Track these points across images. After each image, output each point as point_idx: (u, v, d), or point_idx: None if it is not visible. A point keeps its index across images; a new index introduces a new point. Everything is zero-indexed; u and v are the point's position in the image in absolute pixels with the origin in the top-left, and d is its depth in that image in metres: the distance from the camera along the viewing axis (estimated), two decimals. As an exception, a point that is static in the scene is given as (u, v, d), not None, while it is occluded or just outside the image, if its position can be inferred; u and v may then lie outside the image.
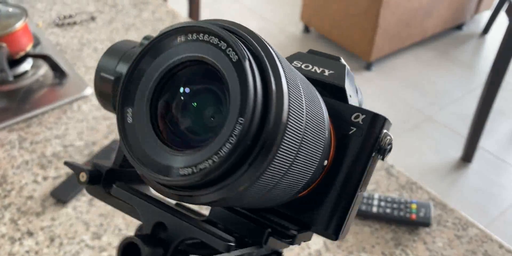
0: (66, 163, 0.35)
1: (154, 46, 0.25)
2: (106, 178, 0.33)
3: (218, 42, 0.23)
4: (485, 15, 2.54)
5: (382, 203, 0.65)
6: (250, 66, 0.22)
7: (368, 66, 2.20)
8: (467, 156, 1.75)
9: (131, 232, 0.64)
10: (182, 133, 0.25)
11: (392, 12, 2.05)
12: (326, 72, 0.33)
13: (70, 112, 0.85)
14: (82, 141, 0.79)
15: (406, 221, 0.63)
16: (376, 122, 0.30)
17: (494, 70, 1.57)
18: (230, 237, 0.27)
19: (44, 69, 0.94)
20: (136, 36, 1.06)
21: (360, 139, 0.30)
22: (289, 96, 0.22)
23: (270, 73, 0.22)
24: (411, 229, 0.64)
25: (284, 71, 0.23)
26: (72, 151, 0.77)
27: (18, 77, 0.91)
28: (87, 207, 0.68)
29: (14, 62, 0.90)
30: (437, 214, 0.66)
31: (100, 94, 0.37)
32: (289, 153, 0.23)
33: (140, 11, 1.16)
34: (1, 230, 0.65)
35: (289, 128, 0.22)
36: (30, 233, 0.64)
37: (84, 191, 0.70)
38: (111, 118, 0.84)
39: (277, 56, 0.24)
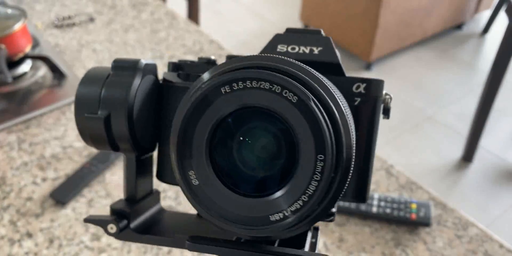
0: (87, 221, 0.33)
1: (200, 102, 0.24)
2: (133, 221, 0.33)
3: (271, 87, 0.23)
4: (485, 15, 2.54)
5: (382, 203, 0.65)
6: (316, 105, 0.22)
7: (368, 66, 2.19)
8: (468, 155, 1.75)
9: (130, 233, 0.64)
10: (250, 180, 0.25)
11: (392, 12, 2.05)
12: (316, 50, 0.32)
13: (69, 113, 0.85)
14: (81, 142, 0.79)
15: (406, 221, 0.63)
16: (377, 86, 0.31)
17: (494, 69, 1.56)
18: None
19: (43, 70, 0.94)
20: (135, 37, 1.06)
21: (368, 107, 0.31)
22: (348, 123, 0.24)
23: (334, 109, 0.23)
24: (411, 229, 0.64)
25: (340, 100, 0.24)
26: (71, 152, 0.77)
27: (17, 78, 0.91)
28: (86, 208, 0.68)
29: (13, 63, 0.90)
30: (437, 214, 0.66)
31: (92, 137, 0.32)
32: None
33: (139, 12, 1.16)
34: (0, 232, 0.65)
35: (354, 149, 0.24)
36: (29, 235, 0.64)
37: (83, 192, 0.70)
38: (110, 119, 0.84)
39: (330, 86, 0.24)
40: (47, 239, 0.64)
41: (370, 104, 0.31)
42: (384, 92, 0.31)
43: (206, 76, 0.26)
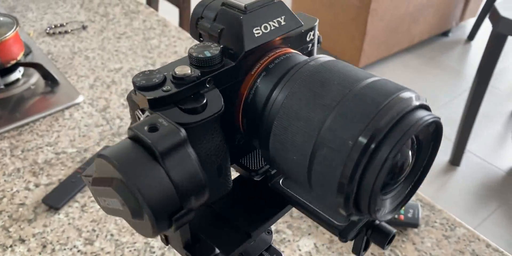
0: None
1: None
2: None
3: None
4: (470, 22, 2.59)
5: (371, 205, 0.66)
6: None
7: (357, 73, 2.22)
8: (455, 159, 1.78)
9: (123, 238, 0.65)
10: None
11: (379, 19, 2.09)
12: (282, 20, 0.32)
13: (62, 120, 0.86)
14: (74, 148, 0.79)
15: (394, 222, 0.65)
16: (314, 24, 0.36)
17: (480, 75, 1.60)
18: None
19: (35, 77, 0.95)
20: (127, 44, 1.07)
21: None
22: None
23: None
24: (400, 230, 0.65)
25: None
26: (64, 158, 0.77)
27: (9, 85, 0.91)
28: (80, 213, 0.68)
29: (5, 70, 0.91)
30: (425, 215, 0.67)
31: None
32: None
33: (131, 20, 1.17)
34: (-7, 238, 0.65)
35: None
36: (22, 240, 0.65)
37: (77, 197, 0.71)
38: (103, 125, 0.84)
39: None
40: (40, 245, 0.64)
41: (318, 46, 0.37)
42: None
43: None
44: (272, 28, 0.31)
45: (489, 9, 2.32)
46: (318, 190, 0.27)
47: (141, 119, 0.27)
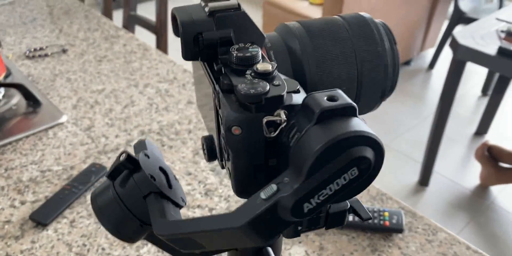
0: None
1: None
2: None
3: None
4: (430, 52, 2.76)
5: (357, 213, 0.69)
6: None
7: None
8: (424, 180, 1.85)
9: (115, 251, 0.64)
10: None
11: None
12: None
13: (46, 139, 0.85)
14: (60, 166, 0.79)
15: (380, 228, 0.67)
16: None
17: (443, 100, 1.69)
18: None
19: (16, 98, 0.95)
20: (108, 67, 1.09)
21: None
22: None
23: None
24: (386, 235, 0.68)
25: None
26: (50, 176, 0.77)
27: (-10, 105, 0.91)
28: (69, 229, 0.68)
29: (-13, 90, 0.90)
30: (408, 221, 0.70)
31: None
32: None
33: (112, 44, 1.19)
34: (-22, 255, 0.63)
35: None
36: (9, 258, 0.63)
37: (65, 213, 0.70)
38: (89, 143, 0.85)
39: None
40: (28, 261, 0.63)
41: None
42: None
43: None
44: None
45: (446, 40, 2.48)
46: (365, 98, 0.35)
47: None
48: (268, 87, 0.26)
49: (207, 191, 0.75)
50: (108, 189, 0.33)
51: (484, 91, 2.44)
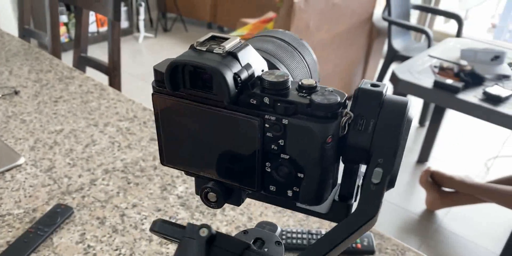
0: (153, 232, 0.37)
1: None
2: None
3: None
4: (369, 88, 2.94)
5: (329, 238, 0.71)
6: None
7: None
8: (377, 209, 1.92)
9: (88, 294, 0.62)
10: None
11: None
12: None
13: (3, 182, 0.82)
14: (20, 209, 0.76)
15: (353, 251, 0.70)
16: None
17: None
18: None
19: (-32, 141, 0.90)
20: (65, 107, 1.07)
21: None
22: None
23: None
24: (358, 258, 0.70)
25: None
26: (11, 220, 0.73)
27: None
28: (37, 274, 0.64)
29: None
30: (377, 243, 0.73)
31: None
32: None
33: (67, 85, 1.18)
34: None
35: None
36: None
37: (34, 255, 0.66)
38: (51, 184, 0.82)
39: None
40: None
41: None
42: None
43: None
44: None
45: (384, 76, 2.66)
46: None
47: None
48: (338, 97, 0.30)
49: (179, 226, 0.74)
50: None
51: (421, 122, 2.62)
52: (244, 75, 0.30)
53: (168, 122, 0.34)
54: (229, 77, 0.29)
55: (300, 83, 0.30)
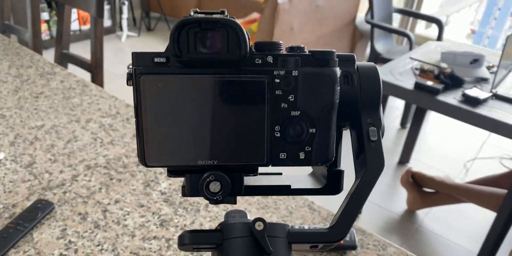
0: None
1: None
2: None
3: None
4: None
5: (312, 234, 0.71)
6: None
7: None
8: (359, 209, 1.94)
9: (69, 290, 0.61)
10: None
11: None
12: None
13: (-18, 177, 0.80)
14: (0, 204, 0.74)
15: (336, 246, 0.70)
16: None
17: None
18: None
19: None
20: (47, 103, 1.06)
21: None
22: None
23: None
24: (340, 253, 0.71)
25: None
26: (-11, 215, 0.72)
27: None
28: (16, 269, 0.63)
29: None
30: (359, 239, 0.74)
31: None
32: None
33: (48, 81, 1.16)
34: None
35: None
36: None
37: (10, 253, 0.65)
38: (31, 180, 0.80)
39: None
40: None
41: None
42: None
43: None
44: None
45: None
46: None
47: None
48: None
49: (162, 222, 0.74)
50: None
51: (403, 124, 2.65)
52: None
53: (158, 107, 0.30)
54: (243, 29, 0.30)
55: (289, 47, 0.32)
